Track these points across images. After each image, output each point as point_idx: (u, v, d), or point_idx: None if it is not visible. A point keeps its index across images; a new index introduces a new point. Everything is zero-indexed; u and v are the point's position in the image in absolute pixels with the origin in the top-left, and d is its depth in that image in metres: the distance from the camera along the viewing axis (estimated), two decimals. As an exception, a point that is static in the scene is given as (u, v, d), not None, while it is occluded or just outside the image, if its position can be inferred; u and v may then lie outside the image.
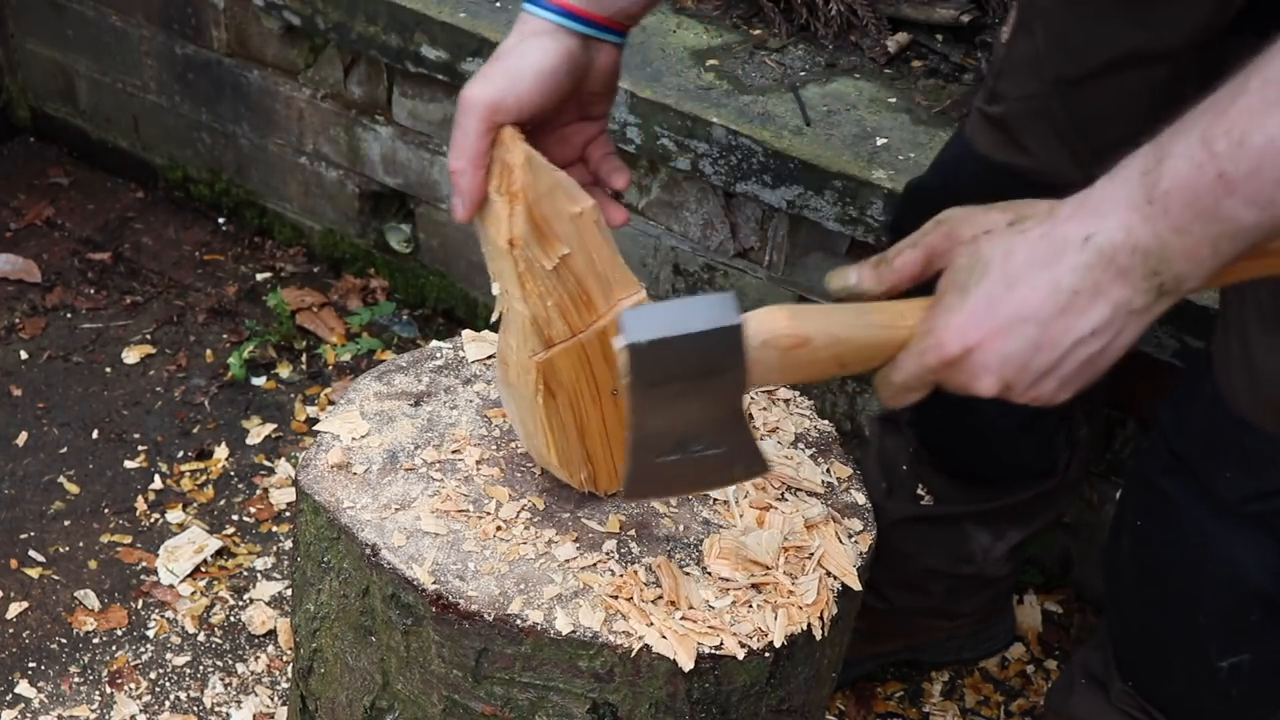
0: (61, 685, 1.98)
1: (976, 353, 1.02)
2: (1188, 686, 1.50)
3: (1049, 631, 2.19)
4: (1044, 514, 1.91)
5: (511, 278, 1.22)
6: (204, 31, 2.67)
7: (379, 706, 1.37)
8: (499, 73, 1.20)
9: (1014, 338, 1.00)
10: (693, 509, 1.37)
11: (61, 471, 2.31)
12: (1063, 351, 1.00)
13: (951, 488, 1.86)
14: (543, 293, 1.23)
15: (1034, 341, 1.00)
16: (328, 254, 2.79)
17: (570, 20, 1.22)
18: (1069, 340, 1.00)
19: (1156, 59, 1.44)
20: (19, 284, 2.69)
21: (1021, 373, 1.02)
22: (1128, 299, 0.97)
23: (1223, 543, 1.38)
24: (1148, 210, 0.95)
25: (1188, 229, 0.94)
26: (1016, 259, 1.00)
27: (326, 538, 1.34)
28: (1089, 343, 1.00)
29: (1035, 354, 1.01)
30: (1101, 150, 1.47)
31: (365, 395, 1.46)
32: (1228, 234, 0.93)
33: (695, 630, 1.24)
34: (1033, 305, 0.99)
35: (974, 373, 1.03)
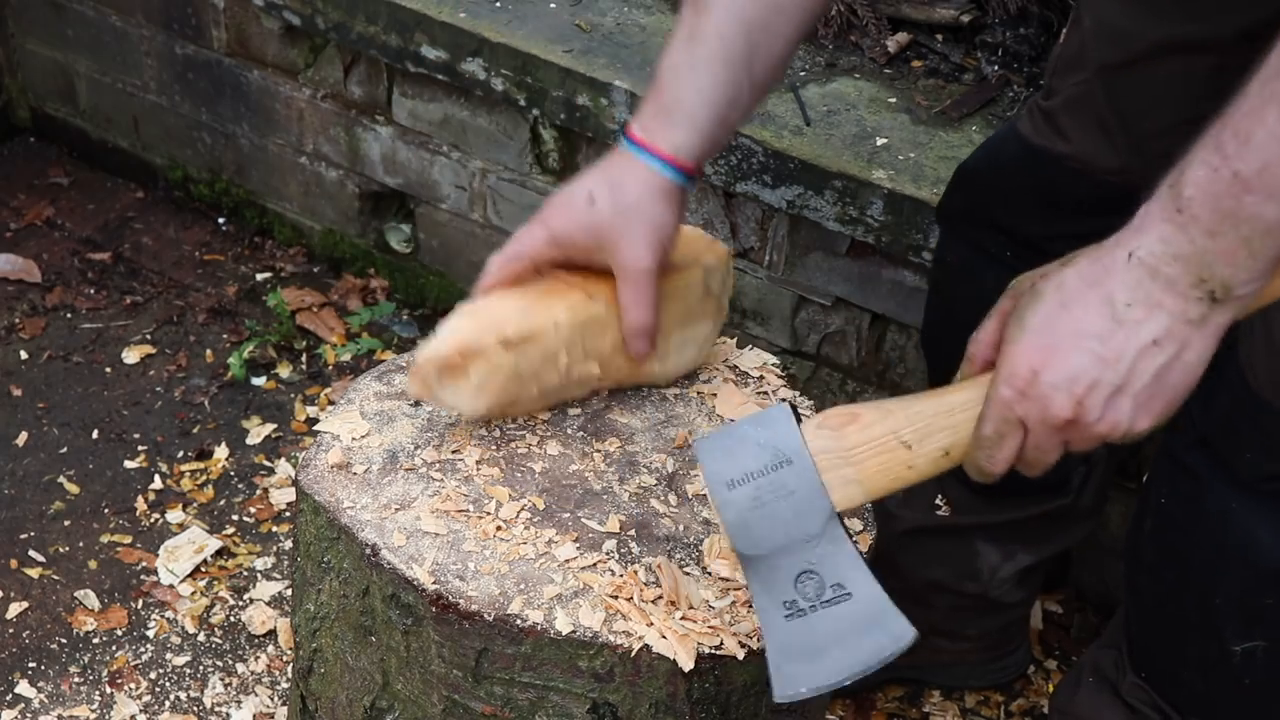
0: (61, 685, 1.98)
1: (1044, 374, 1.03)
2: (1201, 674, 1.51)
3: (1049, 631, 2.18)
4: (1054, 540, 1.88)
5: None
6: (204, 31, 2.67)
7: (379, 706, 1.37)
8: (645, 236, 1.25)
9: (1076, 354, 1.02)
10: (693, 509, 1.37)
11: (61, 471, 2.31)
12: (1128, 365, 1.01)
13: (969, 500, 1.85)
14: None
15: (1097, 356, 1.02)
16: (328, 254, 2.79)
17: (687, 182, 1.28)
18: (1132, 352, 1.01)
19: (1202, 48, 1.43)
20: (19, 284, 2.69)
21: (1092, 390, 1.02)
22: (1182, 309, 0.99)
23: (1244, 521, 1.39)
24: (1179, 220, 0.98)
25: (1219, 231, 0.97)
26: (1068, 284, 1.03)
27: (326, 538, 1.34)
28: (1153, 354, 1.01)
29: (1101, 369, 1.02)
30: (1141, 139, 1.49)
31: (365, 395, 1.46)
32: (1258, 232, 0.96)
33: (695, 630, 1.24)
34: (1089, 321, 1.02)
35: (1047, 396, 1.04)
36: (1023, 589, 1.92)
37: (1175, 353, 1.01)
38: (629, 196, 1.26)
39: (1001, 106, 2.14)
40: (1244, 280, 0.98)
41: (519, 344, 1.28)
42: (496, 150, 2.41)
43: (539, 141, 2.34)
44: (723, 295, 1.43)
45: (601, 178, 1.29)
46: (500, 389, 1.29)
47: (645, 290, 1.28)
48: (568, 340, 1.31)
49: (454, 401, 1.30)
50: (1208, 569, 1.44)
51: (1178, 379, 1.03)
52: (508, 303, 1.30)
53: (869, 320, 2.16)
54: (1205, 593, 1.45)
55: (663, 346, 1.38)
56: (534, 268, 1.31)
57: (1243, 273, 0.98)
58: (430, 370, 1.28)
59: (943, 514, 1.86)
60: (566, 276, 1.32)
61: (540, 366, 1.31)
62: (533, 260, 1.31)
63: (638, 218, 1.26)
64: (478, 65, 2.27)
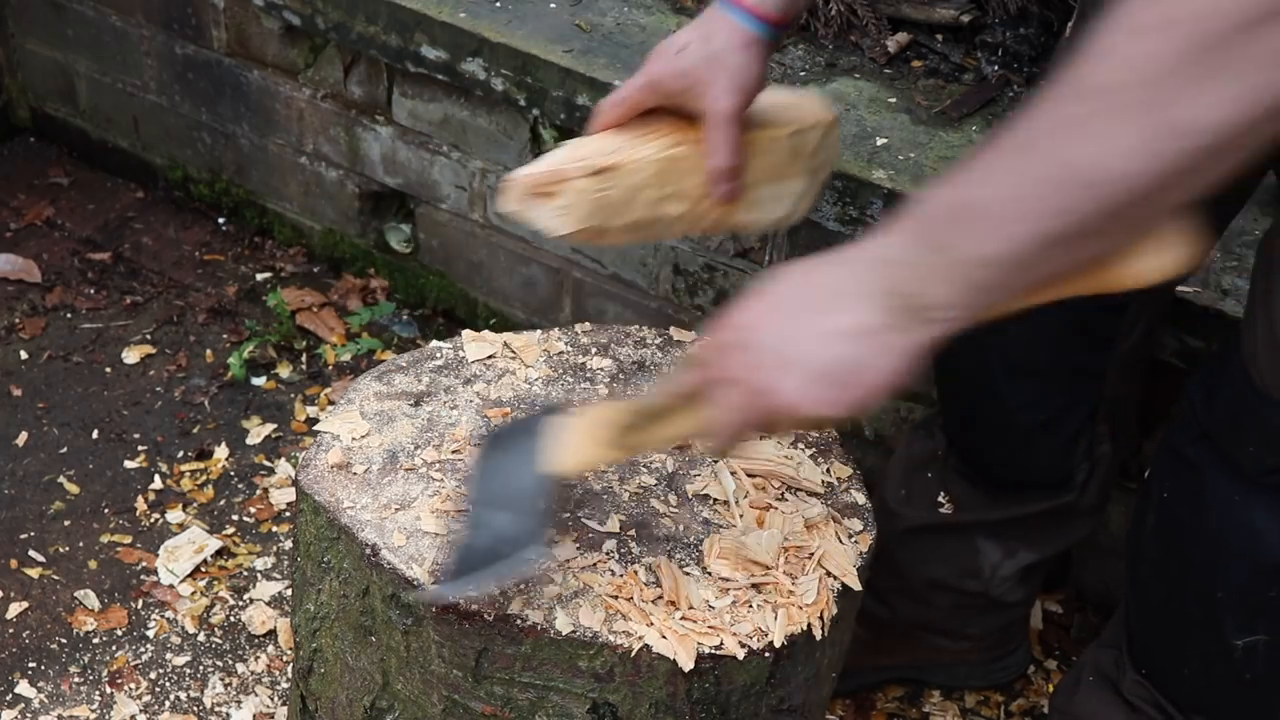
0: (61, 685, 1.98)
1: (748, 332, 1.08)
2: (1202, 670, 1.51)
3: (1049, 631, 2.18)
4: (1056, 538, 1.88)
5: None
6: (204, 31, 2.67)
7: (379, 706, 1.37)
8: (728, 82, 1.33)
9: (783, 320, 1.06)
10: (693, 509, 1.37)
11: (61, 471, 2.31)
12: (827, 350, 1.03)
13: (971, 497, 1.85)
14: None
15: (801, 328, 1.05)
16: (328, 254, 2.79)
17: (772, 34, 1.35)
18: (833, 336, 1.03)
19: None
20: (19, 284, 2.69)
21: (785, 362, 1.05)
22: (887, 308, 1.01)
23: (1245, 514, 1.40)
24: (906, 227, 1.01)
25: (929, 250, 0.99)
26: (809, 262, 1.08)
27: (326, 538, 1.34)
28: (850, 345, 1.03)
29: (799, 343, 1.05)
30: None
31: (365, 395, 1.46)
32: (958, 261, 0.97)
33: (695, 630, 1.24)
34: (804, 297, 1.06)
35: (725, 344, 1.08)
36: (1024, 588, 1.92)
37: (870, 352, 1.02)
38: (715, 45, 1.34)
39: (1001, 106, 2.14)
40: (946, 304, 0.99)
41: (605, 172, 1.34)
42: (496, 150, 2.41)
43: (539, 141, 2.34)
44: (817, 157, 1.47)
45: (694, 29, 1.37)
46: (585, 214, 1.35)
47: (727, 133, 1.34)
48: (653, 175, 1.37)
49: (540, 220, 1.36)
50: (1209, 563, 1.45)
51: (869, 379, 1.03)
52: (605, 140, 1.39)
53: (869, 320, 2.16)
54: (1206, 587, 1.46)
55: (750, 196, 1.43)
56: (636, 111, 1.40)
57: (947, 297, 0.99)
58: (522, 188, 1.35)
59: (945, 511, 1.86)
60: (664, 120, 1.40)
61: (626, 197, 1.36)
62: (634, 104, 1.40)
63: (722, 65, 1.34)
64: (478, 65, 2.27)
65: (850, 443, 2.20)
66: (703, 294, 2.31)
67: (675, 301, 2.35)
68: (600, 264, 2.40)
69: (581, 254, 2.41)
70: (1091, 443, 1.80)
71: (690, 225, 1.43)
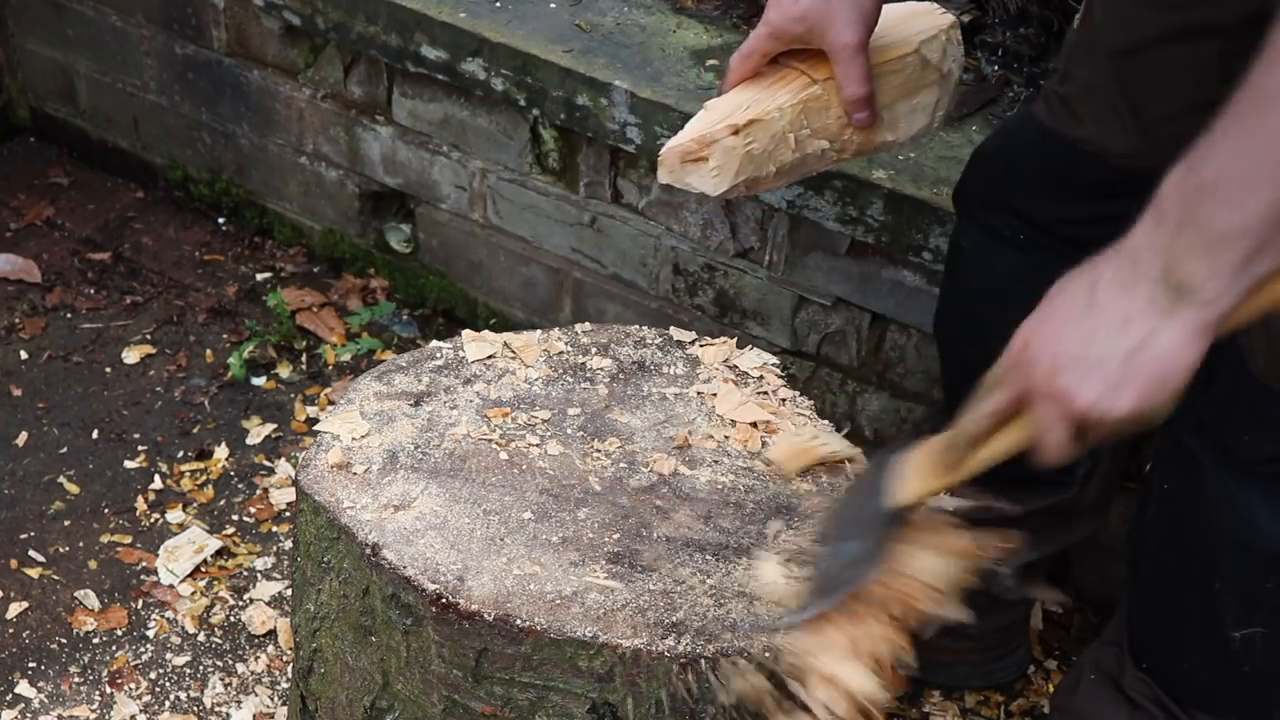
0: (61, 685, 1.98)
1: (1031, 344, 1.12)
2: (1202, 663, 1.51)
3: (1049, 631, 2.18)
4: (1057, 537, 1.88)
5: None
6: (204, 31, 2.67)
7: (379, 706, 1.37)
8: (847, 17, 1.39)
9: (1061, 328, 1.10)
10: (693, 508, 1.37)
11: (61, 471, 2.31)
12: (1101, 344, 1.07)
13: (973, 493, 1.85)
14: None
15: (1075, 332, 1.09)
16: (328, 254, 2.79)
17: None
18: (1103, 331, 1.07)
19: (1209, 33, 1.45)
20: (19, 284, 2.69)
21: (1068, 364, 1.09)
22: (1150, 296, 1.05)
23: (1242, 505, 1.41)
24: (1156, 215, 1.05)
25: (1181, 231, 1.04)
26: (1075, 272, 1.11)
27: (326, 538, 1.34)
28: (1121, 335, 1.06)
29: (1076, 344, 1.09)
30: (1151, 123, 1.51)
31: (365, 395, 1.46)
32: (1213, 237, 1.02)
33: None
34: (1076, 301, 1.09)
35: (1030, 363, 1.12)
36: (1025, 587, 1.92)
37: (1143, 338, 1.06)
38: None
39: (1002, 106, 2.14)
40: (1205, 280, 1.03)
41: (747, 127, 1.41)
42: (496, 150, 2.41)
43: (539, 141, 2.34)
44: (945, 62, 1.53)
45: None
46: (736, 170, 1.43)
47: (856, 65, 1.40)
48: (793, 120, 1.43)
49: (699, 184, 1.44)
50: (1207, 554, 1.46)
51: (1150, 366, 1.07)
52: (740, 95, 1.46)
53: (869, 320, 2.16)
54: (1205, 578, 1.46)
55: (889, 116, 1.50)
56: (763, 61, 1.46)
57: (1203, 273, 1.03)
58: (674, 158, 1.43)
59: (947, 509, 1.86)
60: (794, 64, 1.46)
61: (772, 146, 1.43)
62: (761, 54, 1.46)
63: (840, 3, 1.39)
64: (478, 65, 2.27)
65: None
66: (703, 294, 2.31)
67: (675, 301, 2.35)
68: (600, 264, 2.40)
69: (581, 254, 2.42)
70: None
71: (838, 154, 1.50)
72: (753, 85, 1.47)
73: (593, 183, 2.33)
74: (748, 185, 1.46)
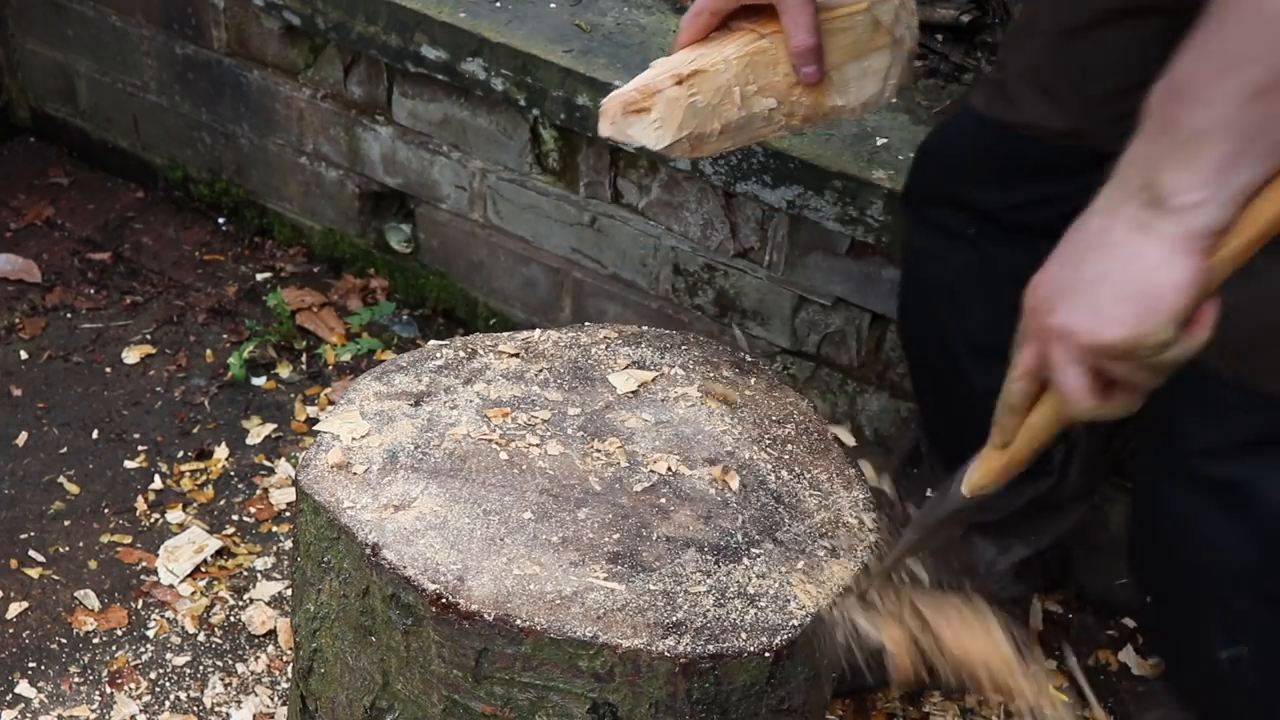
0: (61, 685, 1.98)
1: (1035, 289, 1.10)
2: (1205, 683, 1.51)
3: (1049, 631, 2.18)
4: (1047, 531, 1.88)
5: None
6: (204, 31, 2.67)
7: (379, 706, 1.37)
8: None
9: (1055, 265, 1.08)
10: (693, 508, 1.37)
11: (61, 471, 2.31)
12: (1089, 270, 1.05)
13: None
14: None
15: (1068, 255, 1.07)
16: (328, 254, 2.79)
17: None
18: (1092, 255, 1.05)
19: (1153, 11, 1.45)
20: (19, 284, 2.69)
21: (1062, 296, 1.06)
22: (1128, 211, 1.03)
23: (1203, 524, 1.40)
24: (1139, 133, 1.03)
25: (1159, 135, 1.01)
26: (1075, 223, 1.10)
27: (326, 538, 1.34)
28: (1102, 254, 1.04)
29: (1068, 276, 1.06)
30: (1092, 101, 1.50)
31: (365, 395, 1.46)
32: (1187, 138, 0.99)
33: None
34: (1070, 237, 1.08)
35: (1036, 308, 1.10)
36: (1021, 583, 1.92)
37: (1126, 255, 1.03)
38: None
39: (1001, 106, 2.14)
40: (1182, 187, 1.00)
41: (691, 78, 1.37)
42: (496, 150, 2.41)
43: (539, 141, 2.34)
44: (898, 27, 1.49)
45: None
46: (680, 122, 1.38)
47: (803, 12, 1.36)
48: (739, 72, 1.39)
49: (640, 136, 1.39)
50: (1184, 576, 1.45)
51: (1134, 286, 1.03)
52: (686, 52, 1.42)
53: (869, 320, 2.16)
54: (1187, 600, 1.45)
55: (838, 78, 1.46)
56: (714, 21, 1.42)
57: (1180, 178, 1.00)
58: (616, 108, 1.39)
59: None
60: (743, 24, 1.42)
61: (716, 100, 1.39)
62: (711, 12, 1.41)
63: None
64: (478, 65, 2.27)
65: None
66: (703, 294, 2.31)
67: (675, 301, 2.35)
68: (600, 264, 2.40)
69: (581, 254, 2.42)
70: None
71: (786, 119, 1.46)
72: (701, 45, 1.44)
73: (593, 183, 2.33)
74: (692, 144, 1.42)
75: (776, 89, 1.43)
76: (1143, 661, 2.15)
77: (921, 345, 1.79)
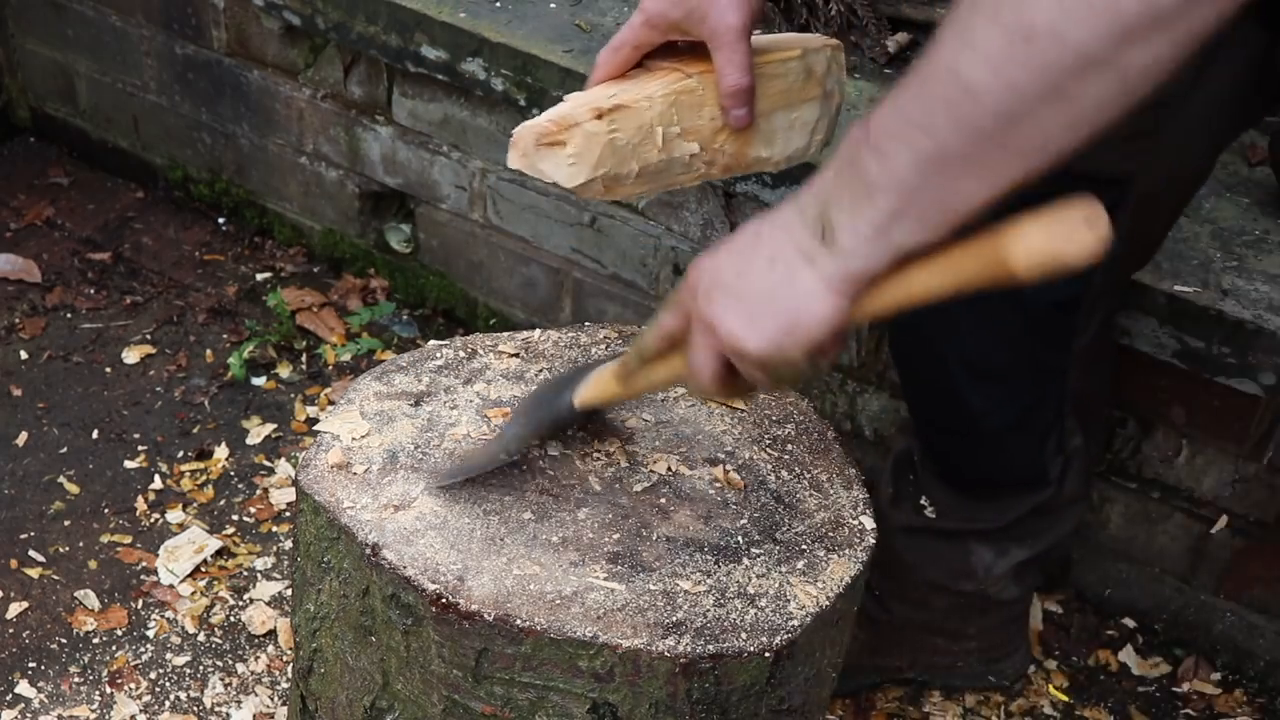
0: (61, 685, 1.98)
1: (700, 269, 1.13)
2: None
3: (1049, 631, 2.18)
4: (1045, 534, 1.88)
5: None
6: (204, 31, 2.67)
7: (379, 706, 1.37)
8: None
9: (724, 256, 1.11)
10: (694, 508, 1.37)
11: (61, 471, 2.31)
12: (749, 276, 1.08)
13: (952, 501, 1.85)
14: None
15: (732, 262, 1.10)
16: (328, 254, 2.79)
17: None
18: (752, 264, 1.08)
19: None
20: (19, 284, 2.69)
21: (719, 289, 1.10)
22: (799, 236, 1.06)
23: None
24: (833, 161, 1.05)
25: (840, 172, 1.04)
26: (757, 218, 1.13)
27: (326, 538, 1.34)
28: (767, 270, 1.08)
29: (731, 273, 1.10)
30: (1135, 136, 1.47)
31: (365, 395, 1.46)
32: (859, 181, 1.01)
33: None
34: (746, 233, 1.11)
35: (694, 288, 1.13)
36: (1019, 585, 1.91)
37: (785, 276, 1.06)
38: None
39: (1001, 106, 2.14)
40: (845, 230, 1.03)
41: (612, 113, 1.30)
42: (496, 150, 2.41)
43: (539, 141, 2.34)
44: (829, 80, 1.43)
45: None
46: (597, 160, 1.30)
47: (737, 50, 1.30)
48: (662, 111, 1.32)
49: (552, 172, 1.30)
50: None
51: (781, 307, 1.07)
52: (607, 86, 1.35)
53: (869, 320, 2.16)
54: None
55: (765, 127, 1.39)
56: (637, 56, 1.35)
57: (845, 221, 1.03)
58: (528, 139, 1.29)
59: (929, 515, 1.86)
60: (666, 61, 1.36)
61: (637, 139, 1.31)
62: (634, 46, 1.34)
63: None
64: (478, 65, 2.27)
65: (850, 443, 2.21)
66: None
67: (675, 301, 2.35)
68: (600, 264, 2.40)
69: (581, 254, 2.42)
70: (1062, 437, 1.80)
71: (707, 166, 1.39)
72: (623, 80, 1.34)
73: (593, 183, 2.33)
74: (606, 184, 1.32)
75: (700, 133, 1.34)
76: (1142, 661, 2.15)
77: (913, 361, 1.78)
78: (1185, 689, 2.11)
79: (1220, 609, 2.12)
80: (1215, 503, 2.04)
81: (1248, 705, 2.09)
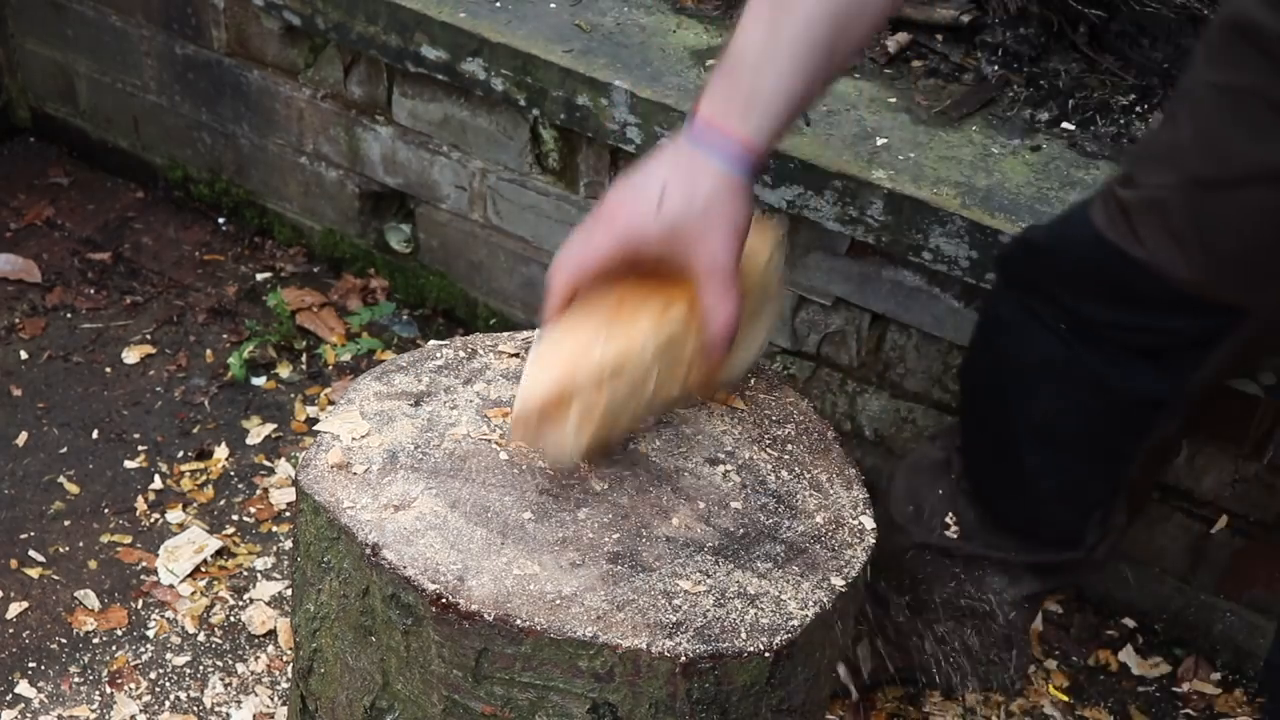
0: (61, 685, 1.98)
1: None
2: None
3: (1049, 631, 2.19)
4: (1062, 580, 1.86)
5: None
6: (204, 31, 2.67)
7: (379, 706, 1.37)
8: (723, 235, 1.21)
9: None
10: (694, 508, 1.37)
11: (61, 471, 2.31)
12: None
13: (979, 526, 1.82)
14: None
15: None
16: (328, 254, 2.79)
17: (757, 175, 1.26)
18: None
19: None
20: (19, 284, 2.69)
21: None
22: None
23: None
24: None
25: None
26: None
27: (326, 538, 1.34)
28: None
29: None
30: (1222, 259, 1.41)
31: (365, 395, 1.46)
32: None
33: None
34: None
35: None
36: (1027, 608, 1.91)
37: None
38: (702, 195, 1.21)
39: (1001, 106, 2.14)
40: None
41: (612, 379, 1.22)
42: (496, 150, 2.41)
43: (539, 141, 2.34)
44: (774, 276, 1.37)
45: (671, 174, 1.22)
46: (594, 427, 1.25)
47: (730, 291, 1.22)
48: (655, 364, 1.25)
49: (558, 447, 1.25)
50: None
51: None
52: (587, 330, 1.23)
53: (869, 320, 2.16)
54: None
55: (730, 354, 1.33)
56: (603, 280, 1.25)
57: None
58: (533, 417, 1.23)
59: (952, 535, 1.84)
60: (637, 285, 1.25)
61: (629, 396, 1.26)
62: (600, 270, 1.24)
63: (715, 217, 1.20)
64: (478, 65, 2.27)
65: (850, 443, 2.21)
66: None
67: (675, 301, 2.35)
68: (600, 264, 2.40)
69: (581, 254, 2.41)
70: (1107, 514, 1.74)
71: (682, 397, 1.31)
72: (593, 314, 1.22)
73: (593, 183, 2.33)
74: (591, 449, 1.25)
75: (682, 364, 1.26)
76: (1142, 661, 2.15)
77: (979, 404, 1.74)
78: (1185, 689, 2.11)
79: (1220, 609, 2.12)
80: (1215, 503, 2.04)
81: (1248, 705, 2.09)
